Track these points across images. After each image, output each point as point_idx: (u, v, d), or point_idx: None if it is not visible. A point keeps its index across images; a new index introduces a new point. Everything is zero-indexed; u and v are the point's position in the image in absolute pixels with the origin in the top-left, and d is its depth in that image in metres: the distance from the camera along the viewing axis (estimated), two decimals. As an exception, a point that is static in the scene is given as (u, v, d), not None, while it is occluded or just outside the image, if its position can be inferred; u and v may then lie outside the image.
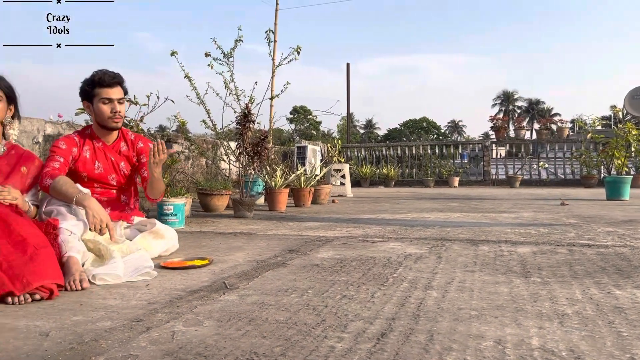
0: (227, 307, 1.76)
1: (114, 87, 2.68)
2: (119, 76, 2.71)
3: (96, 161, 2.71)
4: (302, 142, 10.73)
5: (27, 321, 1.61)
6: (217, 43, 6.06)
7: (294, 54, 6.64)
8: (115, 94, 2.68)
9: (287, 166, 6.94)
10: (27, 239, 1.96)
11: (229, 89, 5.96)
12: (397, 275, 2.27)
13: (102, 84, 2.65)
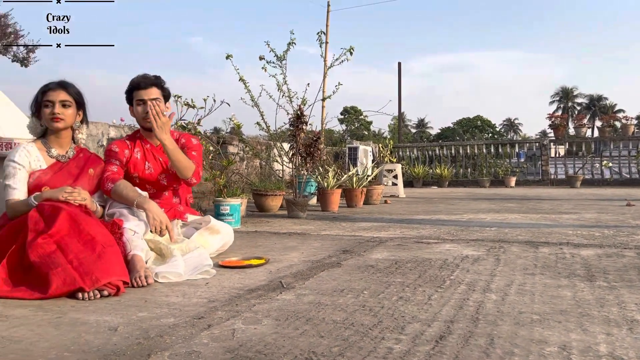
0: (284, 306, 1.79)
1: (148, 89, 2.75)
2: (152, 78, 2.76)
3: (146, 162, 2.79)
4: (354, 143, 10.73)
5: (96, 316, 1.69)
6: (270, 46, 6.17)
7: (346, 54, 6.67)
8: (149, 95, 2.74)
9: (339, 167, 6.95)
10: (95, 237, 2.06)
11: (281, 91, 6.05)
12: (454, 278, 2.23)
13: (137, 87, 2.75)
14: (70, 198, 2.25)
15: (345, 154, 9.21)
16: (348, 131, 53.27)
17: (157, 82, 2.78)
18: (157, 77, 2.81)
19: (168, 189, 2.87)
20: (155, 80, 2.78)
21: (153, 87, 2.75)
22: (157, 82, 2.78)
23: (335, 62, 6.73)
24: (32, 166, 2.43)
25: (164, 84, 2.81)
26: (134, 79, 2.77)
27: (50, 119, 2.45)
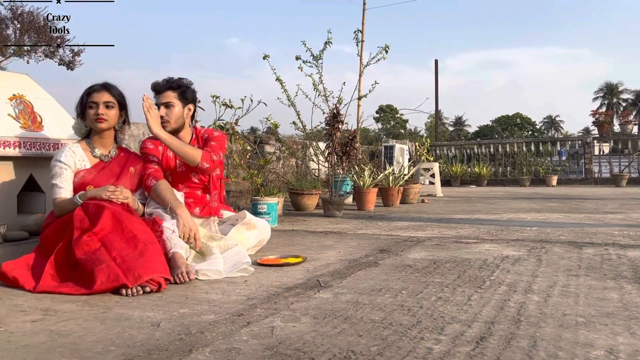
0: (322, 305, 1.79)
1: (161, 93, 2.78)
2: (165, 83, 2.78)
3: (177, 161, 2.83)
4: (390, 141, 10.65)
5: (140, 312, 1.74)
6: (306, 45, 6.19)
7: (382, 52, 6.62)
8: (162, 98, 2.77)
9: (375, 165, 6.92)
10: (137, 235, 2.11)
11: (317, 90, 6.06)
12: (494, 278, 2.19)
13: (154, 90, 2.79)
14: (113, 197, 2.32)
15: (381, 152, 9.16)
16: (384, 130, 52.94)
17: (172, 85, 2.78)
18: (173, 80, 2.79)
19: (200, 187, 2.89)
20: (170, 84, 2.78)
21: (168, 90, 2.77)
22: (172, 85, 2.78)
23: (372, 60, 6.70)
24: (77, 166, 2.51)
25: (184, 87, 2.79)
26: (152, 83, 2.82)
27: (95, 120, 2.53)
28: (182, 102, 2.78)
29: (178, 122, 2.78)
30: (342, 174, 5.52)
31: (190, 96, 2.82)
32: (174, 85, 2.77)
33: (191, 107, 2.84)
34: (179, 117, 2.78)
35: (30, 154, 2.78)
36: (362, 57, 7.13)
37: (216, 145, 2.84)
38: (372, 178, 5.91)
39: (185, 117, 2.81)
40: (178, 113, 2.76)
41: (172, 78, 2.80)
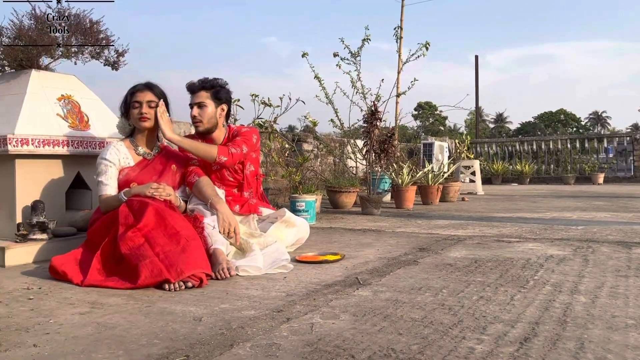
0: (361, 303, 1.79)
1: (196, 93, 2.80)
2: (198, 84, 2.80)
3: None
4: (429, 139, 10.52)
5: (182, 306, 1.77)
6: (344, 43, 6.18)
7: (422, 49, 6.55)
8: (194, 99, 2.80)
9: (413, 163, 6.85)
10: (179, 231, 2.16)
11: (355, 87, 6.04)
12: (538, 278, 2.14)
13: (188, 90, 2.83)
14: (156, 194, 2.37)
15: (419, 150, 9.06)
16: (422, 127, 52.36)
17: (205, 85, 2.79)
18: (207, 80, 2.81)
19: (236, 185, 2.91)
20: (203, 85, 2.79)
21: (201, 90, 2.79)
22: (205, 85, 2.79)
23: (411, 57, 6.63)
24: (121, 163, 2.58)
25: (217, 87, 2.80)
26: (187, 84, 2.85)
27: (138, 119, 2.59)
28: (215, 102, 2.80)
29: (211, 122, 2.80)
30: (380, 172, 5.49)
31: (223, 96, 2.83)
32: (207, 86, 2.80)
33: (224, 107, 2.85)
34: (212, 117, 2.80)
35: (78, 152, 2.87)
36: (400, 54, 7.07)
37: (240, 139, 2.84)
38: (410, 176, 5.85)
39: (218, 117, 2.82)
40: (210, 113, 2.79)
41: (207, 78, 2.83)
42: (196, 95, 2.80)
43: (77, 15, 3.00)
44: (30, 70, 2.97)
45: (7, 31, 2.90)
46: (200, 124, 2.79)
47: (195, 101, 2.79)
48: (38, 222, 2.62)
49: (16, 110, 2.78)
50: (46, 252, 2.57)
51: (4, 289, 2.04)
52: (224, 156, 2.73)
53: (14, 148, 2.61)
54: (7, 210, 2.69)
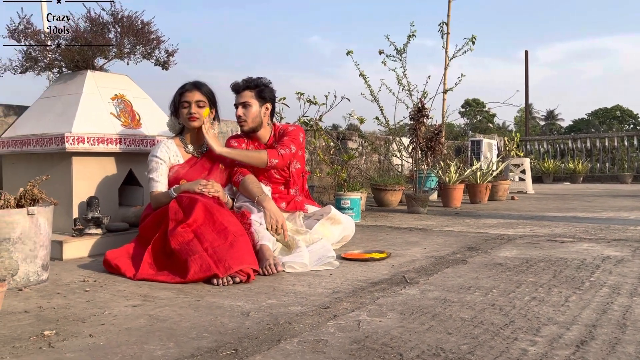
0: (408, 301, 1.76)
1: (241, 93, 2.82)
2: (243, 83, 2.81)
3: None
4: (477, 136, 10.29)
5: (230, 301, 1.80)
6: (389, 39, 6.13)
7: (469, 44, 6.43)
8: (239, 99, 2.81)
9: (461, 161, 6.71)
10: (227, 227, 2.19)
11: (401, 84, 5.98)
12: (594, 280, 2.05)
13: (233, 91, 2.85)
14: (205, 190, 2.42)
15: (467, 148, 8.88)
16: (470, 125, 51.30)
17: (249, 85, 2.81)
18: (251, 80, 2.82)
19: (282, 183, 2.93)
20: (247, 84, 2.81)
21: (245, 90, 2.82)
22: (249, 85, 2.81)
23: (458, 52, 6.52)
24: (171, 161, 2.64)
25: (261, 86, 2.81)
26: (231, 84, 2.87)
27: (188, 119, 2.65)
28: (259, 102, 2.82)
29: (255, 121, 2.82)
30: (426, 170, 5.41)
31: (267, 95, 2.84)
32: (252, 85, 2.82)
33: (269, 105, 2.86)
34: (256, 116, 2.82)
35: (130, 149, 2.96)
36: (447, 50, 6.94)
37: (287, 139, 2.86)
38: (458, 174, 5.74)
39: (262, 116, 2.84)
40: (255, 112, 2.81)
41: (251, 78, 2.85)
42: (240, 95, 2.82)
43: (130, 17, 3.09)
44: (86, 71, 3.08)
45: (64, 33, 3.01)
46: (245, 123, 2.82)
47: (240, 101, 2.81)
48: (93, 217, 2.72)
49: (73, 110, 2.89)
50: (100, 247, 2.66)
51: (62, 281, 2.13)
52: (275, 159, 2.77)
53: (71, 146, 2.71)
54: (64, 206, 2.81)
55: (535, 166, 12.60)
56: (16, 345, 1.37)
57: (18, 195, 2.07)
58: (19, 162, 3.08)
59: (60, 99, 3.05)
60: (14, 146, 2.99)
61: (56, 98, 3.08)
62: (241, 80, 2.85)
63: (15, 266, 1.99)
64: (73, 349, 1.34)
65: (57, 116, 2.96)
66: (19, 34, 3.02)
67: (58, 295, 1.91)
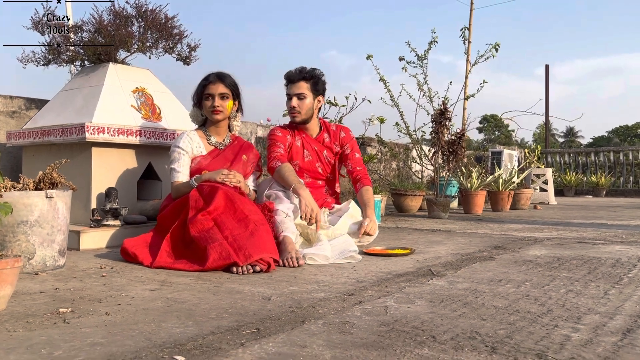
0: (437, 290, 1.68)
1: (295, 83, 2.76)
2: (299, 73, 2.76)
3: (305, 150, 2.86)
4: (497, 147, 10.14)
5: (250, 287, 1.73)
6: (410, 46, 6.07)
7: (492, 50, 6.34)
8: (294, 89, 2.76)
9: (482, 168, 6.59)
10: (248, 216, 2.13)
11: (422, 90, 5.90)
12: (632, 276, 1.95)
13: (287, 80, 2.80)
14: (227, 180, 2.36)
15: (488, 157, 8.74)
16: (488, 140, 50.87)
17: (305, 76, 2.76)
18: (306, 70, 2.78)
19: (322, 178, 2.91)
20: (303, 75, 2.76)
21: (301, 81, 2.76)
22: (305, 76, 2.76)
23: (480, 58, 6.43)
24: (194, 152, 2.60)
25: (316, 78, 2.77)
26: (286, 73, 2.82)
27: (211, 112, 2.61)
28: (313, 94, 2.79)
29: (308, 114, 2.80)
30: (448, 176, 5.31)
31: (321, 88, 2.82)
32: (307, 76, 2.77)
33: (321, 98, 2.84)
34: (310, 108, 2.79)
35: (150, 142, 2.93)
36: (469, 56, 6.87)
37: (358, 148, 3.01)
38: (480, 180, 5.62)
39: (315, 109, 2.82)
40: (309, 104, 2.77)
41: (305, 68, 2.80)
42: (296, 85, 2.76)
43: (153, 11, 3.08)
44: (108, 64, 3.07)
45: (88, 25, 3.01)
46: (299, 115, 2.78)
47: (295, 92, 2.76)
48: (111, 208, 2.68)
49: (94, 101, 2.87)
50: (118, 238, 2.62)
51: (79, 268, 2.08)
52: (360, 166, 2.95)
53: (91, 136, 2.69)
54: (82, 197, 2.78)
55: (557, 179, 12.37)
56: (30, 320, 1.32)
57: (37, 179, 2.04)
58: (39, 154, 3.07)
59: (81, 91, 3.04)
60: (34, 137, 2.97)
61: (77, 90, 3.07)
62: (295, 70, 2.80)
63: (32, 250, 1.95)
64: (89, 325, 1.28)
65: (78, 108, 2.94)
66: (42, 25, 3.02)
67: (74, 279, 1.86)
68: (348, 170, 2.97)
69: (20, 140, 3.06)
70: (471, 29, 8.47)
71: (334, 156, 2.94)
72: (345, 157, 2.95)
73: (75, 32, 3.09)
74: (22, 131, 3.06)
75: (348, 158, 2.94)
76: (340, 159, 2.98)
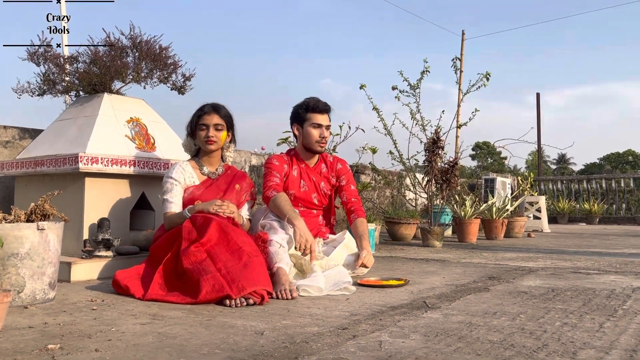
0: (432, 324, 1.66)
1: (324, 114, 2.86)
2: (329, 106, 2.89)
3: (301, 180, 2.87)
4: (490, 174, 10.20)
5: (243, 321, 1.71)
6: (403, 75, 6.15)
7: (483, 80, 6.42)
8: (325, 120, 2.85)
9: (475, 196, 6.61)
10: (242, 247, 2.11)
11: (415, 119, 5.95)
12: (627, 308, 1.94)
13: (316, 109, 2.83)
14: (220, 210, 2.35)
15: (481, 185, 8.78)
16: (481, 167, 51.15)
17: (330, 109, 2.90)
18: (329, 104, 2.90)
19: (317, 209, 2.91)
20: (330, 108, 2.89)
21: (327, 113, 2.87)
22: (330, 109, 2.90)
23: (472, 88, 6.51)
24: (186, 182, 2.60)
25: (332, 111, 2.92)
26: (312, 101, 2.86)
27: (205, 142, 2.62)
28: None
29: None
30: (441, 204, 5.32)
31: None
32: (330, 109, 2.90)
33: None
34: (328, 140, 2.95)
35: (144, 172, 2.93)
36: (460, 85, 6.97)
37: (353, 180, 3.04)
38: (473, 208, 5.63)
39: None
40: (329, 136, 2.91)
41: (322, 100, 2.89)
42: (325, 117, 2.87)
43: (148, 42, 3.11)
44: (103, 94, 3.08)
45: (83, 56, 3.04)
46: (325, 145, 2.90)
47: (326, 123, 2.86)
48: (103, 239, 2.66)
49: (88, 131, 2.88)
50: (110, 269, 2.59)
51: (69, 301, 2.05)
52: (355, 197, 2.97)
53: (85, 166, 2.68)
54: (75, 227, 2.76)
55: (550, 206, 12.41)
56: (18, 358, 1.29)
57: (29, 210, 2.03)
58: (31, 184, 3.05)
59: (75, 121, 3.05)
60: (27, 167, 2.97)
61: (72, 120, 3.08)
62: (322, 101, 2.87)
63: (22, 283, 1.93)
64: (77, 362, 1.25)
65: (72, 138, 2.94)
66: (38, 57, 3.04)
67: (64, 313, 1.83)
68: (342, 201, 2.98)
69: (13, 170, 3.05)
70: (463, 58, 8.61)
71: (330, 187, 2.96)
72: (340, 189, 2.98)
73: (71, 62, 3.11)
74: (15, 161, 3.05)
75: (343, 189, 2.96)
76: (335, 190, 3.00)
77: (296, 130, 2.89)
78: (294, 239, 2.43)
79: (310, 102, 2.85)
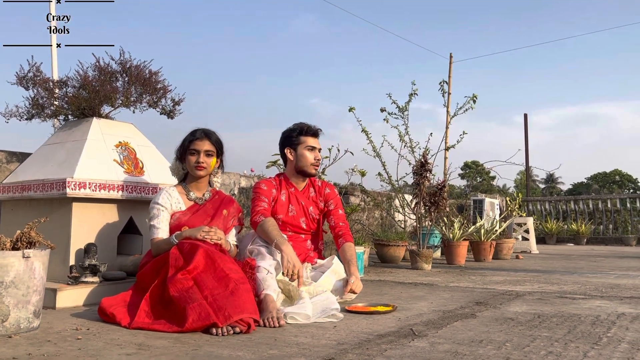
0: (418, 353, 1.67)
1: (316, 138, 2.94)
2: (320, 129, 2.97)
3: (290, 205, 2.88)
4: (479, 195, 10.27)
5: (229, 351, 1.70)
6: (391, 98, 6.22)
7: (470, 102, 6.51)
8: (317, 143, 2.93)
9: (464, 218, 6.65)
10: (229, 274, 2.11)
11: (403, 141, 6.01)
12: (611, 335, 1.96)
13: (309, 132, 2.90)
14: (207, 237, 2.35)
15: (470, 206, 8.83)
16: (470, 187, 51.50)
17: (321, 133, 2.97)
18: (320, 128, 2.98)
19: (306, 233, 2.92)
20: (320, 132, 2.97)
21: (318, 137, 2.95)
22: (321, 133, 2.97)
23: (459, 110, 6.59)
24: (173, 208, 2.60)
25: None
26: (304, 125, 2.92)
27: (195, 167, 2.63)
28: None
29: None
30: (430, 226, 5.34)
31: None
32: (321, 133, 2.98)
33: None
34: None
35: (132, 197, 2.92)
36: (448, 108, 7.05)
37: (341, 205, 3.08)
38: (462, 230, 5.66)
39: None
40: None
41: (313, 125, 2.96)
42: (317, 140, 2.95)
43: (137, 67, 3.13)
44: (92, 118, 3.09)
45: (73, 81, 3.05)
46: (319, 167, 2.98)
47: (319, 146, 2.94)
48: (90, 264, 2.64)
49: (76, 156, 2.87)
50: (96, 296, 2.57)
51: (54, 329, 2.03)
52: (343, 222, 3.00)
53: (72, 191, 2.68)
54: (61, 252, 2.73)
55: (538, 227, 12.48)
56: (-1, 392, 1.28)
57: (14, 238, 2.02)
58: (17, 209, 3.03)
59: (64, 145, 3.04)
60: (14, 192, 2.95)
61: (60, 145, 3.07)
62: (313, 126, 2.94)
63: (6, 312, 1.91)
64: (60, 397, 1.24)
65: (60, 162, 2.94)
66: (27, 81, 3.05)
67: (49, 342, 1.81)
68: (330, 226, 3.00)
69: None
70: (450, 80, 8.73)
71: (319, 212, 2.97)
72: (328, 213, 2.99)
73: (60, 87, 3.12)
74: (1, 185, 3.04)
75: (331, 214, 2.98)
76: (323, 215, 3.01)
77: (289, 153, 2.91)
78: (282, 264, 2.44)
79: (303, 126, 2.91)
